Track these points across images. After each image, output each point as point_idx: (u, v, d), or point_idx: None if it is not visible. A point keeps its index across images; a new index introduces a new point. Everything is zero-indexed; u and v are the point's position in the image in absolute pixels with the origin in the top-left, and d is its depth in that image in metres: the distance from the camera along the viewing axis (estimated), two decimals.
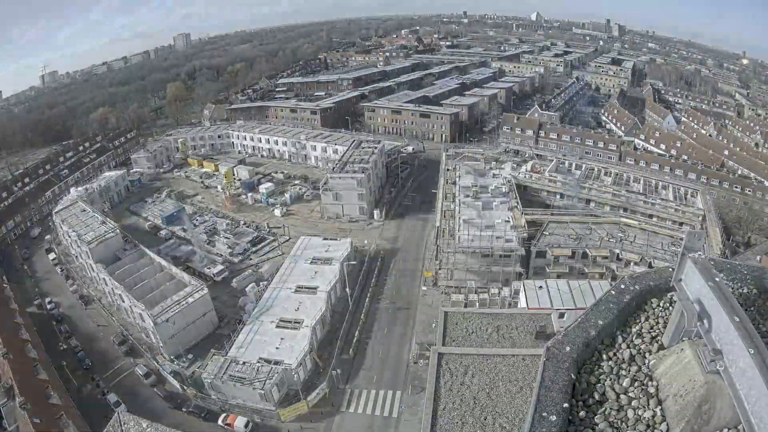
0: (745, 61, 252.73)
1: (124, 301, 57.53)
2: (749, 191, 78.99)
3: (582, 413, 6.32)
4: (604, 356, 7.23)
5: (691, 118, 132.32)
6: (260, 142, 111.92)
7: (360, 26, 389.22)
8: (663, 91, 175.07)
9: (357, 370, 49.16)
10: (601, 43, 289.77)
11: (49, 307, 63.68)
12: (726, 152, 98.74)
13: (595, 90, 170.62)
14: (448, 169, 78.21)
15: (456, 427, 12.31)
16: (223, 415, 44.28)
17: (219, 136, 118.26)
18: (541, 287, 46.94)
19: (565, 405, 6.07)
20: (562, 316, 20.38)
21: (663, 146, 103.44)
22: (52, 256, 77.23)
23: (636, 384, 6.74)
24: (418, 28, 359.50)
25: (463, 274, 58.75)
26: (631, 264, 54.64)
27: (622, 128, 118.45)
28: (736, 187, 79.94)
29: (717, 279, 6.15)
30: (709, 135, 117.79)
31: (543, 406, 5.94)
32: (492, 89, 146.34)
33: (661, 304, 7.99)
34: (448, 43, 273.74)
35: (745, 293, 7.94)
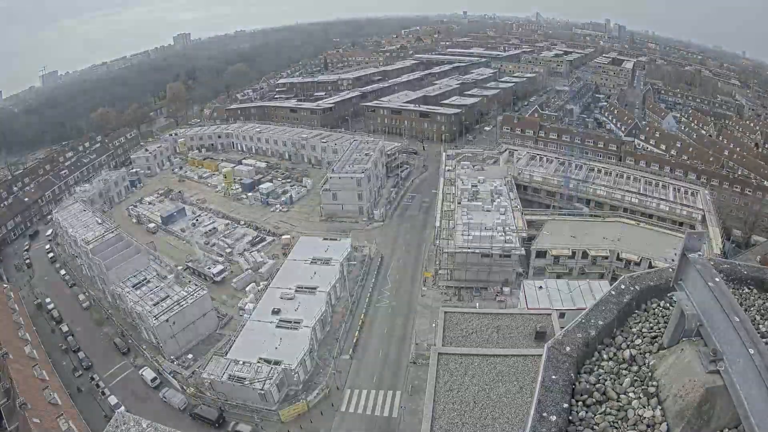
0: (745, 61, 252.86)
1: (124, 301, 57.58)
2: (749, 191, 78.97)
3: (582, 413, 6.31)
4: (605, 356, 7.22)
5: (691, 118, 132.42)
6: (260, 142, 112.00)
7: (360, 26, 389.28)
8: (663, 91, 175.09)
9: (357, 370, 49.19)
10: (601, 43, 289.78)
11: (49, 307, 63.73)
12: (726, 152, 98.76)
13: (595, 90, 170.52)
14: (448, 170, 78.25)
15: (456, 428, 12.31)
16: None
17: (219, 136, 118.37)
18: (541, 287, 46.99)
19: (565, 405, 6.06)
20: (562, 316, 20.37)
21: (663, 146, 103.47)
22: (51, 256, 77.28)
23: (636, 384, 6.74)
24: (418, 28, 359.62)
25: (463, 275, 58.80)
26: (631, 264, 54.67)
27: (622, 128, 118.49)
28: (736, 187, 79.90)
29: (717, 279, 6.14)
30: (709, 135, 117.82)
31: (543, 406, 5.93)
32: (492, 89, 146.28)
33: (662, 305, 7.99)
34: (448, 43, 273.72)
35: (745, 293, 7.94)
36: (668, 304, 7.76)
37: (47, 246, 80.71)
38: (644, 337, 7.23)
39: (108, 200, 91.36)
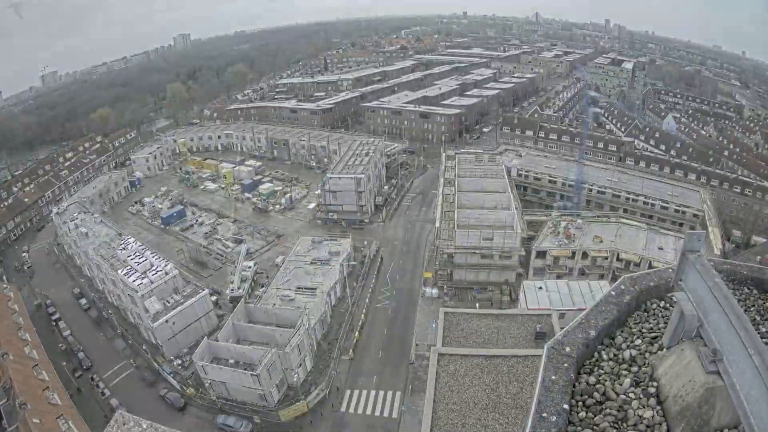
0: (745, 61, 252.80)
1: (123, 301, 57.58)
2: (749, 191, 78.98)
3: (582, 413, 6.31)
4: (605, 356, 7.23)
5: (691, 119, 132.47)
6: (259, 142, 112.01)
7: (360, 26, 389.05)
8: (663, 92, 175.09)
9: (357, 371, 49.20)
10: (601, 43, 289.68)
11: (49, 307, 63.69)
12: (726, 152, 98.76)
13: (596, 90, 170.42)
14: (447, 170, 78.12)
15: (456, 428, 12.32)
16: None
17: (219, 137, 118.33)
18: (540, 288, 46.96)
19: (565, 406, 6.06)
20: (562, 316, 20.38)
21: (663, 147, 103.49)
22: (51, 256, 77.22)
23: (636, 384, 6.74)
24: (418, 28, 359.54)
25: (463, 275, 58.79)
26: (631, 264, 54.64)
27: (622, 128, 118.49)
28: (736, 188, 79.88)
29: (717, 279, 6.14)
30: (709, 135, 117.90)
31: (543, 407, 5.93)
32: (492, 89, 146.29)
33: (662, 305, 7.99)
34: (448, 43, 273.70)
35: (745, 293, 7.94)
36: (668, 305, 7.76)
37: (47, 246, 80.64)
38: (644, 338, 7.23)
39: (108, 201, 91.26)
